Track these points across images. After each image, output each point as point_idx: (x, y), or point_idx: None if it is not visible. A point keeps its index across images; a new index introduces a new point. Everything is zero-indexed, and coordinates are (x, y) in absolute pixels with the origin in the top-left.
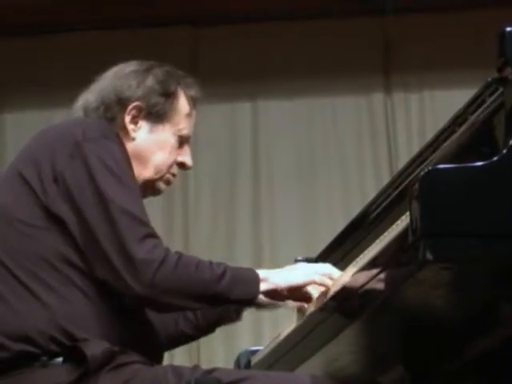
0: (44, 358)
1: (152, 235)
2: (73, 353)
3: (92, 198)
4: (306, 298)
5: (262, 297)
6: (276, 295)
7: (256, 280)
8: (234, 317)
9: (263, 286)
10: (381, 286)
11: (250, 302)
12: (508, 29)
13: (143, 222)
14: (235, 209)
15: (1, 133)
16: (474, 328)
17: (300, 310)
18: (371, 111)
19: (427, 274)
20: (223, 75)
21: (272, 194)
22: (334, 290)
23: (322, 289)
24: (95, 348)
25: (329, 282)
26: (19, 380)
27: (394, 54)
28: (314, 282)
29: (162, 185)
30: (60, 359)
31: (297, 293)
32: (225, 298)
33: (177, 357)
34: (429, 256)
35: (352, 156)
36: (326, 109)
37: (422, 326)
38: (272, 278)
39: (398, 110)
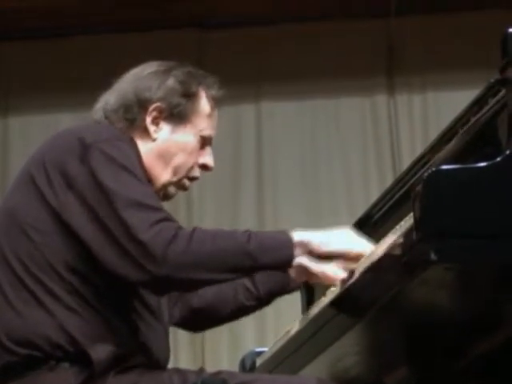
0: (52, 362)
1: (163, 219)
2: (79, 356)
3: (99, 195)
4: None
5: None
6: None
7: (288, 244)
8: (294, 286)
9: (298, 251)
10: (385, 286)
11: (284, 266)
12: (511, 30)
13: (152, 208)
14: (239, 210)
15: (5, 136)
16: (479, 328)
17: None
18: (374, 112)
19: (431, 275)
20: (227, 77)
21: (276, 196)
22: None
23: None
24: (101, 352)
25: (362, 255)
26: (27, 383)
27: (397, 56)
28: (349, 254)
29: (174, 190)
30: (67, 364)
31: (335, 257)
32: (252, 265)
33: (181, 358)
34: (433, 257)
35: (355, 157)
36: (329, 110)
37: (426, 327)
38: (309, 240)
39: (401, 111)
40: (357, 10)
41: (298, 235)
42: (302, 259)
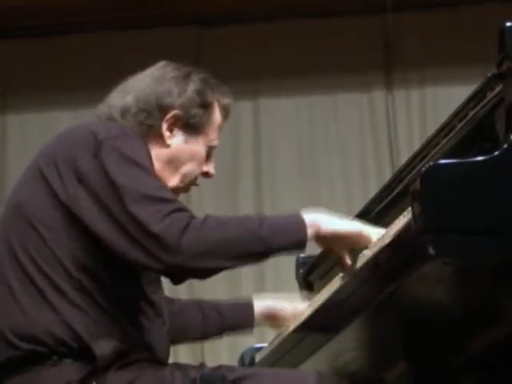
0: (55, 358)
1: (175, 210)
2: (82, 352)
3: (110, 191)
4: (349, 249)
5: None
6: (319, 240)
7: (301, 225)
8: (252, 329)
9: (310, 231)
10: (384, 281)
11: (298, 248)
12: (508, 24)
13: (163, 201)
14: (237, 207)
15: (3, 133)
16: (477, 323)
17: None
18: (372, 108)
19: (430, 270)
20: (225, 74)
21: (274, 192)
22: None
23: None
24: (104, 347)
25: (371, 240)
26: (31, 378)
27: (394, 51)
28: (361, 234)
29: (179, 194)
30: (69, 359)
31: (341, 243)
32: (267, 249)
33: (181, 354)
34: (431, 251)
35: (354, 153)
36: (327, 106)
37: (425, 322)
38: (319, 221)
39: (399, 107)
40: (354, 7)
41: (309, 216)
42: (270, 306)
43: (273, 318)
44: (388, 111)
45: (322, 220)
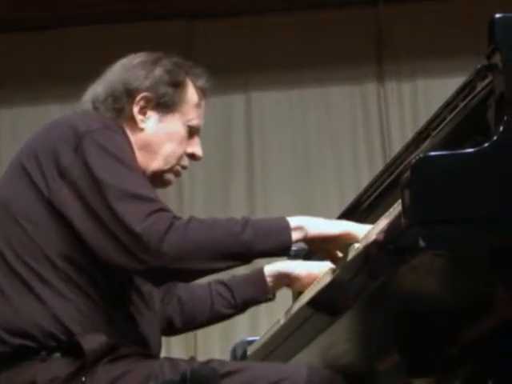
0: (44, 353)
1: (157, 210)
2: (71, 346)
3: (92, 187)
4: (339, 248)
5: None
6: (308, 243)
7: (285, 229)
8: (270, 296)
9: (295, 235)
10: (375, 273)
11: (282, 252)
12: (497, 15)
13: (146, 199)
14: (229, 201)
15: None
16: (469, 314)
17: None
18: (364, 100)
19: (420, 262)
20: (216, 68)
21: (266, 185)
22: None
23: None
24: (93, 341)
25: (359, 238)
26: (19, 373)
27: (386, 44)
28: (348, 234)
29: (171, 176)
30: (58, 354)
31: (330, 244)
32: (249, 252)
33: (174, 347)
34: (421, 243)
35: (346, 145)
36: (319, 99)
37: (416, 313)
38: (305, 225)
39: (390, 99)
40: None
41: (294, 220)
42: (282, 266)
43: (287, 279)
44: (380, 103)
45: (309, 223)
